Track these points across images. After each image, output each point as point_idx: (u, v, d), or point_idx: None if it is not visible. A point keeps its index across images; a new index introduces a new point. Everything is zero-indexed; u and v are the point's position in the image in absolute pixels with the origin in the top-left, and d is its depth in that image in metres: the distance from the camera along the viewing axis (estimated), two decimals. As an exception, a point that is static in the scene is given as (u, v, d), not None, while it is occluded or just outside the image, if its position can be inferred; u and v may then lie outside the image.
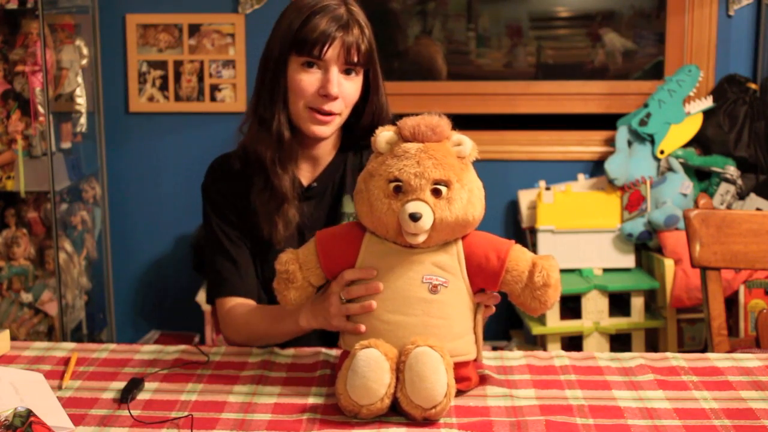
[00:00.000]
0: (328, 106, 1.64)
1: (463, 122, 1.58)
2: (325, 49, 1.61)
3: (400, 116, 1.47)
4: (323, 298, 1.51)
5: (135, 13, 3.24)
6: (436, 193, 1.38)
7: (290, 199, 1.70)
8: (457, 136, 1.43)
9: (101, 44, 3.24)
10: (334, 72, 1.63)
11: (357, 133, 1.74)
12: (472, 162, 1.44)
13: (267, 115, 1.68)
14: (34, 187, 2.91)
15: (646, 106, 3.07)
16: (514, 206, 3.21)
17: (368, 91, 1.73)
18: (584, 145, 3.21)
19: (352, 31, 1.63)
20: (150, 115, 3.29)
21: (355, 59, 1.64)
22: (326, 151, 1.77)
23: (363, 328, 1.41)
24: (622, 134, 3.06)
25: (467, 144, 1.42)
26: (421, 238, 1.38)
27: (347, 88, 1.66)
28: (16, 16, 2.86)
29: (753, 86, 3.02)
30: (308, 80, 1.64)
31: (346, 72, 1.65)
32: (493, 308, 1.49)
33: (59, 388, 1.47)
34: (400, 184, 1.38)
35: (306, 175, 1.77)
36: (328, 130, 1.68)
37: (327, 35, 1.61)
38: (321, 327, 1.54)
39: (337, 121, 1.68)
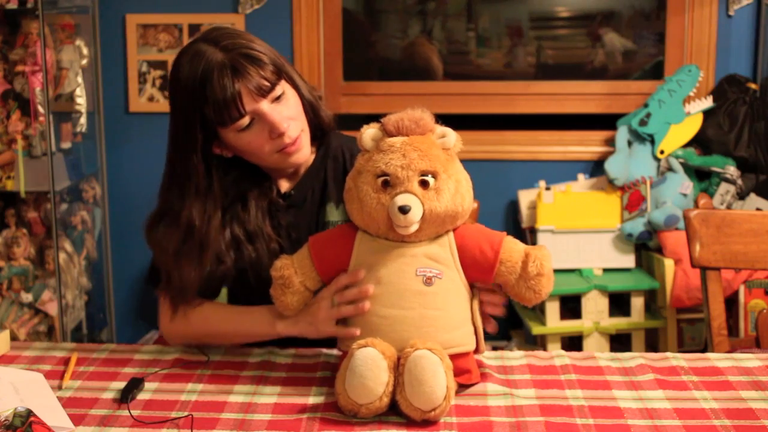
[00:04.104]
0: (288, 137, 1.57)
1: (463, 122, 1.59)
2: (240, 107, 1.52)
3: None
4: (308, 305, 1.52)
5: (135, 13, 3.24)
6: (424, 184, 1.39)
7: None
8: (441, 128, 1.45)
9: (101, 44, 3.24)
10: (268, 111, 1.54)
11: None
12: (457, 154, 1.45)
13: (176, 205, 1.59)
14: (34, 187, 2.91)
15: (646, 106, 3.07)
16: (514, 206, 3.21)
17: None
18: (584, 145, 3.21)
19: (248, 71, 1.52)
20: (150, 115, 3.29)
21: (269, 85, 1.54)
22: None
23: (357, 331, 1.42)
24: (622, 134, 3.06)
25: (451, 136, 1.44)
26: (413, 228, 1.39)
27: (286, 110, 1.58)
28: (16, 16, 2.86)
29: (753, 86, 3.02)
30: (255, 136, 1.56)
31: (276, 99, 1.56)
32: (500, 308, 1.49)
33: (59, 388, 1.47)
34: (387, 177, 1.40)
35: (284, 183, 1.72)
36: (303, 153, 1.62)
37: (230, 96, 1.51)
38: (301, 334, 1.54)
39: (304, 138, 1.62)
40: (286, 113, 1.57)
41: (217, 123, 1.54)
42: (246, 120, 1.54)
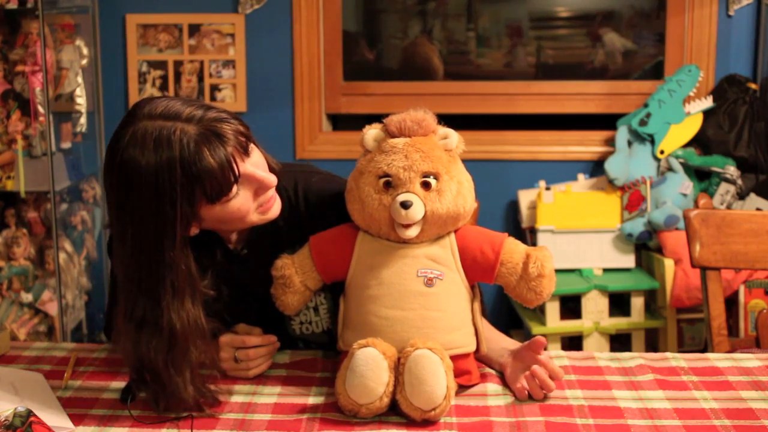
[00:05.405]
0: (273, 190, 1.43)
1: (463, 122, 1.58)
2: (236, 171, 1.34)
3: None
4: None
5: (135, 13, 3.24)
6: (426, 186, 1.39)
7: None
8: (443, 129, 1.45)
9: (101, 44, 3.23)
10: (252, 170, 1.38)
11: None
12: (459, 155, 1.45)
13: (155, 310, 1.35)
14: (34, 187, 2.91)
15: (646, 106, 3.07)
16: (514, 206, 3.21)
17: None
18: (584, 145, 3.21)
19: (226, 133, 1.34)
20: (150, 115, 3.28)
21: (245, 139, 1.38)
22: None
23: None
24: (622, 134, 3.06)
25: (453, 137, 1.44)
26: (414, 232, 1.39)
27: (260, 162, 1.42)
28: (16, 16, 2.86)
29: (753, 86, 3.02)
30: (244, 200, 1.39)
31: (248, 154, 1.39)
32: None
33: (59, 388, 1.47)
34: (389, 178, 1.40)
35: (233, 235, 1.55)
36: (279, 203, 1.46)
37: (227, 163, 1.33)
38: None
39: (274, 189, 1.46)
40: (262, 165, 1.42)
41: (210, 199, 1.35)
42: (236, 186, 1.37)
